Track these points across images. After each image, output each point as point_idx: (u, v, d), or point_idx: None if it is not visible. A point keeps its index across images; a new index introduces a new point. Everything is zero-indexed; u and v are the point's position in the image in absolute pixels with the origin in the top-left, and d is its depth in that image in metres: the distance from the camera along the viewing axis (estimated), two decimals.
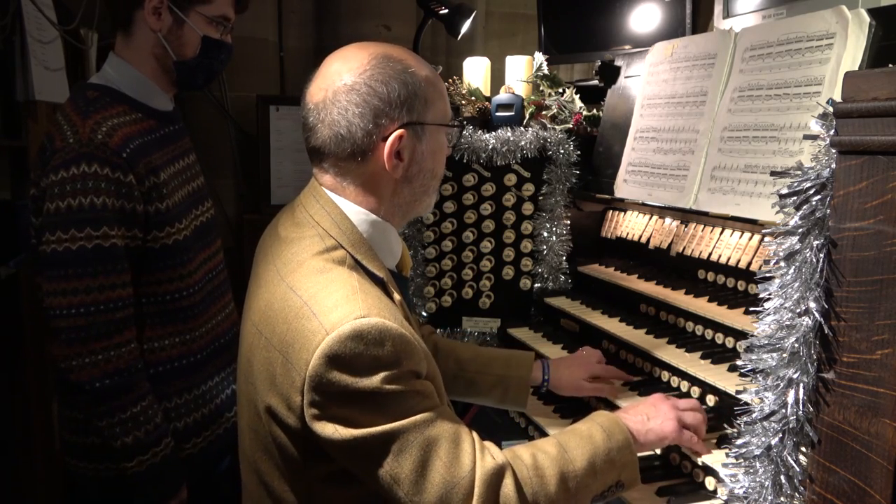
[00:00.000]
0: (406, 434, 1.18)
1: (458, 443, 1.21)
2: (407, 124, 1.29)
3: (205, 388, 1.89)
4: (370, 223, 1.33)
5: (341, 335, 1.15)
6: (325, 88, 1.29)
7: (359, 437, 1.17)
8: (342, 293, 1.20)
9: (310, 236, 1.31)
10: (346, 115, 1.26)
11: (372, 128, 1.27)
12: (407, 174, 1.33)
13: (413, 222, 2.35)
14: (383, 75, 1.27)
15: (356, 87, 1.26)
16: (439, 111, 1.35)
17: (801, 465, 1.11)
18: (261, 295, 1.33)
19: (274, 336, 1.24)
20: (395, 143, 1.28)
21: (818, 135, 1.06)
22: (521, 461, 1.26)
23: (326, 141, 1.29)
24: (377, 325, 1.16)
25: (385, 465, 1.18)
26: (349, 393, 1.16)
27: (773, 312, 1.12)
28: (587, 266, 2.32)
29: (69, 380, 1.63)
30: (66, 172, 1.60)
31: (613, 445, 1.33)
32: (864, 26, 1.53)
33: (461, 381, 1.76)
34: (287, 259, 1.30)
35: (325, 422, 1.18)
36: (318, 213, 1.33)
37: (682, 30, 2.49)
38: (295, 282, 1.25)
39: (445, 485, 1.18)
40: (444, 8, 2.68)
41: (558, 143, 2.31)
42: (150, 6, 1.73)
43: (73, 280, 1.60)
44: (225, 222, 3.70)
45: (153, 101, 1.83)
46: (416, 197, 1.38)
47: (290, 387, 1.20)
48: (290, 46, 3.96)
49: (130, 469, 1.66)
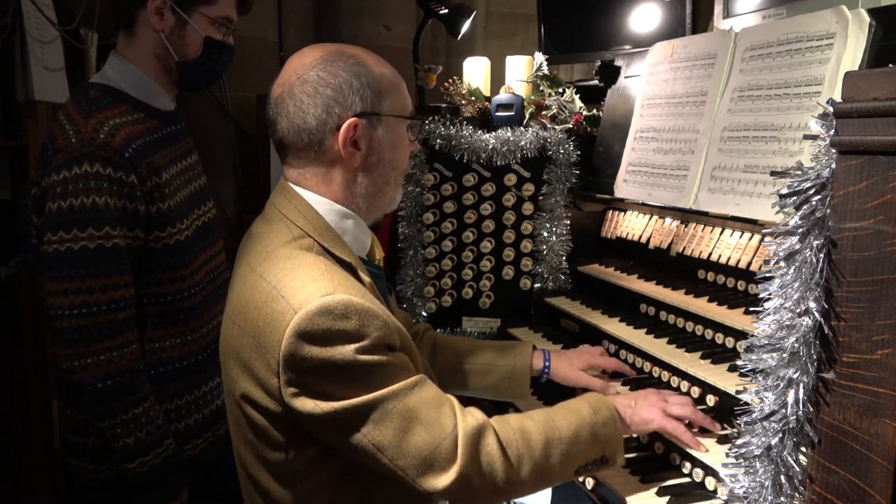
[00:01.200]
0: (385, 402, 1.22)
1: (438, 406, 1.26)
2: (361, 114, 1.34)
3: (205, 389, 1.88)
4: (335, 212, 1.38)
5: (308, 312, 1.19)
6: (282, 84, 1.36)
7: (339, 409, 1.21)
8: (309, 275, 1.25)
9: (278, 229, 1.37)
10: (301, 106, 1.33)
11: (325, 117, 1.33)
12: (365, 163, 1.38)
13: (413, 222, 2.35)
14: (334, 67, 1.34)
15: (309, 80, 1.33)
16: (396, 103, 1.40)
17: (801, 465, 1.11)
18: (235, 289, 1.38)
19: (246, 323, 1.28)
20: (350, 132, 1.33)
21: (818, 135, 1.06)
22: (508, 424, 1.32)
23: (286, 133, 1.35)
24: (342, 300, 1.21)
25: (366, 434, 1.22)
26: (324, 366, 1.20)
27: (773, 312, 1.12)
28: (587, 266, 2.32)
29: (71, 380, 1.62)
30: (69, 172, 1.60)
31: (599, 420, 1.39)
32: (864, 26, 1.53)
33: (460, 373, 1.78)
34: (257, 252, 1.36)
35: (304, 398, 1.22)
36: (285, 206, 1.38)
37: (682, 30, 2.49)
38: (264, 270, 1.30)
39: (428, 446, 1.23)
40: (444, 8, 2.68)
41: (558, 143, 2.31)
42: (153, 6, 1.73)
43: (74, 280, 1.60)
44: (225, 222, 3.70)
45: (155, 101, 1.83)
46: (377, 188, 1.42)
47: (266, 370, 1.24)
48: (290, 46, 3.96)
49: (131, 470, 1.66)
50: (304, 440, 1.29)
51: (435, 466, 1.23)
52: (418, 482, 1.23)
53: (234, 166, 3.79)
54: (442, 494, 1.25)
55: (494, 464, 1.26)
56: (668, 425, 1.47)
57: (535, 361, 1.77)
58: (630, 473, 1.56)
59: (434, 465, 1.23)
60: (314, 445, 1.30)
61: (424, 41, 3.17)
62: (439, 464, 1.23)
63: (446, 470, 1.23)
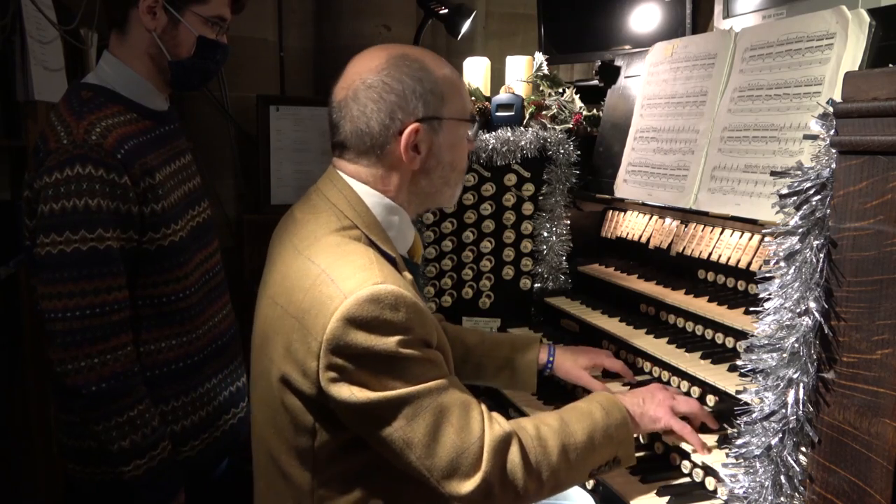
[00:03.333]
0: (419, 399, 1.23)
1: (468, 410, 1.27)
2: (423, 119, 1.36)
3: (202, 390, 1.87)
4: (384, 206, 1.40)
5: (359, 298, 1.20)
6: (346, 88, 1.37)
7: (374, 401, 1.22)
8: (360, 262, 1.26)
9: (326, 216, 1.38)
10: (365, 111, 1.34)
11: (389, 122, 1.34)
12: (425, 166, 1.40)
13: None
14: (399, 73, 1.35)
15: (374, 85, 1.34)
16: (456, 107, 1.42)
17: (801, 465, 1.11)
18: (276, 269, 1.39)
19: (290, 304, 1.29)
20: (412, 137, 1.35)
21: (818, 135, 1.06)
22: (526, 431, 1.32)
23: (349, 136, 1.37)
24: (393, 291, 1.22)
25: (398, 429, 1.23)
26: (367, 354, 1.21)
27: (773, 312, 1.12)
28: (587, 266, 2.32)
29: (65, 384, 1.61)
30: (60, 174, 1.58)
31: (612, 422, 1.40)
32: (864, 26, 1.53)
33: (469, 365, 1.78)
34: (304, 235, 1.37)
35: (341, 384, 1.23)
36: (334, 195, 1.39)
37: (682, 30, 2.49)
38: (313, 254, 1.31)
39: (456, 450, 1.23)
40: (444, 8, 2.68)
41: (558, 143, 2.31)
42: (145, 5, 1.71)
43: (68, 283, 1.58)
44: (225, 222, 3.70)
45: (148, 101, 1.81)
46: (435, 188, 1.45)
47: (307, 352, 1.24)
48: (290, 46, 3.95)
49: (128, 473, 1.65)
50: (334, 428, 1.29)
51: (460, 471, 1.23)
52: (442, 484, 1.24)
53: (234, 166, 3.78)
54: (463, 500, 1.24)
55: (517, 473, 1.27)
56: (676, 425, 1.47)
57: (541, 355, 1.78)
58: (630, 473, 1.56)
59: (459, 469, 1.23)
60: (343, 435, 1.30)
61: (424, 41, 3.17)
62: (464, 468, 1.23)
63: (470, 476, 1.23)
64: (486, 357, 1.79)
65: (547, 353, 1.79)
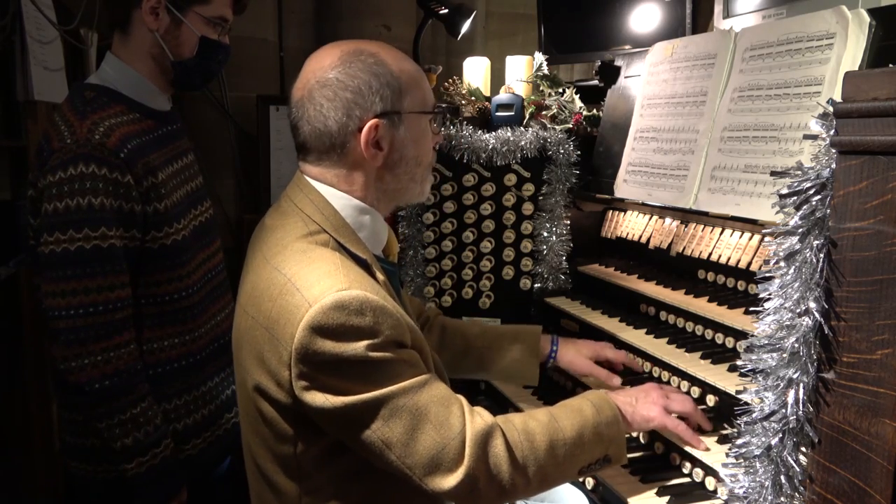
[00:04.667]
0: (395, 399, 1.22)
1: (447, 406, 1.26)
2: (381, 114, 1.33)
3: (204, 388, 1.88)
4: (353, 208, 1.37)
5: (324, 306, 1.19)
6: (301, 88, 1.35)
7: (349, 405, 1.21)
8: (325, 269, 1.25)
9: (293, 222, 1.36)
10: (322, 110, 1.32)
11: (346, 120, 1.32)
12: (388, 162, 1.37)
13: (413, 222, 2.35)
14: (353, 68, 1.32)
15: (328, 83, 1.32)
16: (416, 99, 1.38)
17: (801, 465, 1.11)
18: (248, 279, 1.38)
19: (260, 314, 1.28)
20: (371, 133, 1.32)
21: (818, 135, 1.06)
22: (513, 425, 1.31)
23: (308, 137, 1.35)
24: (358, 296, 1.21)
25: (376, 430, 1.22)
26: (336, 361, 1.20)
27: (773, 312, 1.12)
28: (587, 266, 2.32)
29: (68, 381, 1.62)
30: (64, 173, 1.60)
31: (602, 420, 1.38)
32: (864, 26, 1.53)
33: (471, 357, 1.78)
34: (272, 243, 1.35)
35: (314, 391, 1.22)
36: (301, 200, 1.37)
37: (682, 30, 2.49)
38: (280, 262, 1.29)
39: (436, 446, 1.22)
40: (444, 8, 2.68)
41: (558, 143, 2.30)
42: (148, 6, 1.72)
43: (71, 281, 1.60)
44: (225, 222, 3.70)
45: (151, 101, 1.82)
46: (401, 184, 1.42)
47: (278, 362, 1.24)
48: (290, 46, 3.96)
49: (130, 471, 1.66)
50: (314, 434, 1.29)
51: (442, 466, 1.23)
52: (425, 481, 1.23)
53: (234, 166, 3.79)
54: (448, 495, 1.25)
55: (501, 466, 1.26)
56: (669, 423, 1.47)
57: (543, 346, 1.78)
58: (630, 473, 1.56)
59: (441, 465, 1.23)
60: (323, 440, 1.30)
61: (424, 41, 3.18)
62: (446, 464, 1.23)
63: (453, 471, 1.23)
64: (487, 349, 1.78)
65: (550, 343, 1.79)
